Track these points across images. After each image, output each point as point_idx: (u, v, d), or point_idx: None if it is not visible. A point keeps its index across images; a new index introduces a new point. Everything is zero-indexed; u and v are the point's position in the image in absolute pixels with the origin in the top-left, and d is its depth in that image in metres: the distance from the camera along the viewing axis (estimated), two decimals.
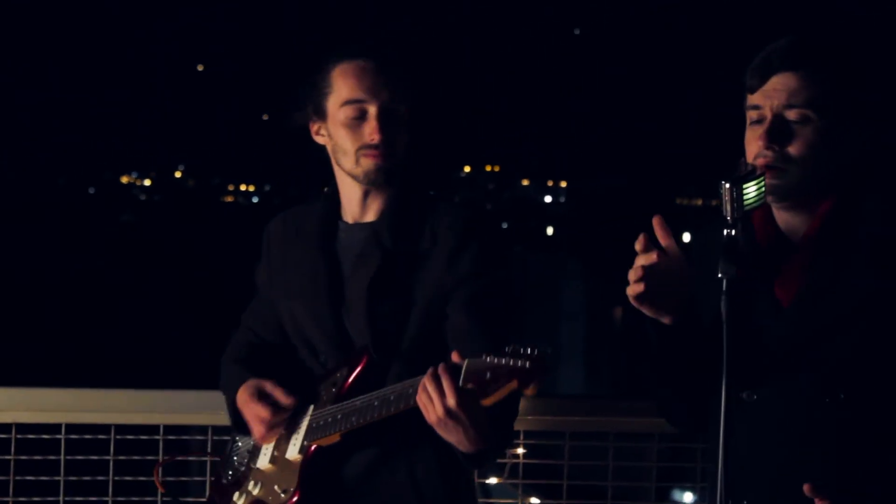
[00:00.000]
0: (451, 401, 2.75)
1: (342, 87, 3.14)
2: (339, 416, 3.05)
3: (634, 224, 2.79)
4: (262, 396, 3.20)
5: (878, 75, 2.76)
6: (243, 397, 3.24)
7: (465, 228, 3.11)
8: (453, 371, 2.77)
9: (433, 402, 2.77)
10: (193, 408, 3.94)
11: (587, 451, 4.15)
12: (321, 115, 3.19)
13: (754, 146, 2.66)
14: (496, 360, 2.70)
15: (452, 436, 2.83)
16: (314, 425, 3.13)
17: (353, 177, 3.16)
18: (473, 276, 3.08)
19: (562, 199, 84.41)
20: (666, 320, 2.66)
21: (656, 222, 2.62)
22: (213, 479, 3.52)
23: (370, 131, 3.11)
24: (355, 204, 3.22)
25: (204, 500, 3.52)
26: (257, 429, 3.20)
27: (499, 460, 3.91)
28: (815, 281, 2.65)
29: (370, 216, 3.21)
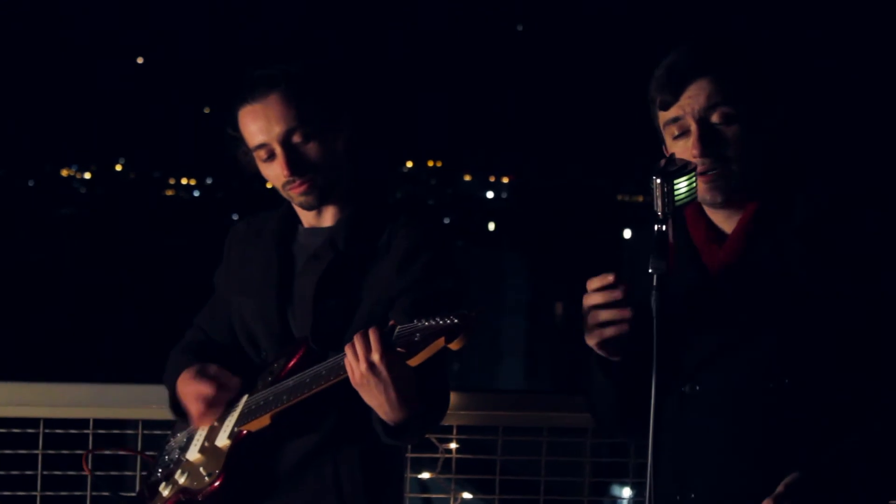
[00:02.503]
0: (375, 355, 2.74)
1: (247, 136, 3.15)
2: (270, 398, 3.04)
3: (576, 220, 2.79)
4: (206, 376, 3.18)
5: (781, 66, 2.78)
6: (185, 377, 3.21)
7: (420, 237, 3.11)
8: (383, 332, 2.77)
9: (358, 357, 2.77)
10: (125, 402, 3.90)
11: (521, 446, 4.15)
12: (251, 158, 3.21)
13: (688, 157, 2.65)
14: (426, 323, 2.70)
15: (374, 396, 2.81)
16: (246, 410, 3.11)
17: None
18: (420, 283, 3.07)
19: (504, 195, 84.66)
20: (616, 359, 2.64)
21: (609, 277, 2.58)
22: (144, 474, 3.49)
23: (280, 169, 3.11)
24: (309, 215, 3.24)
25: (134, 494, 3.49)
26: (196, 407, 3.17)
27: (430, 455, 3.91)
28: (749, 272, 2.66)
29: (327, 222, 3.22)
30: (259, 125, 3.11)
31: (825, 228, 2.64)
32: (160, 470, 3.30)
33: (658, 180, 2.53)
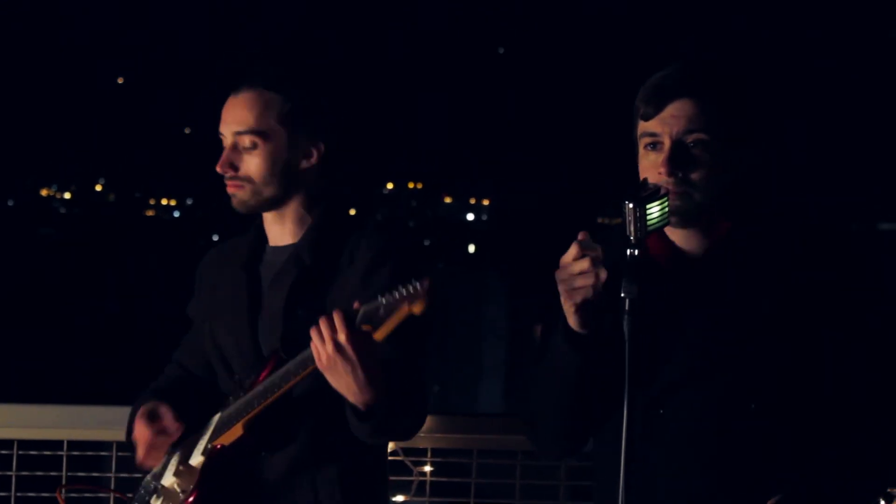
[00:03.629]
0: (341, 335, 2.76)
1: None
2: (241, 406, 3.06)
3: (557, 242, 2.79)
4: (153, 418, 3.19)
5: (763, 99, 2.82)
6: (137, 417, 3.25)
7: (383, 247, 3.13)
8: (348, 312, 2.79)
9: (324, 339, 2.78)
10: (99, 424, 3.90)
11: (495, 470, 4.15)
12: None
13: (653, 173, 2.69)
14: (389, 297, 2.73)
15: (342, 378, 2.82)
16: (219, 425, 3.12)
17: None
18: (386, 290, 3.07)
19: (484, 217, 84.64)
20: (584, 331, 2.65)
21: (582, 238, 2.60)
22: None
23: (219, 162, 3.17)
24: (269, 225, 3.26)
25: None
26: (139, 448, 3.20)
27: (405, 478, 3.92)
28: (716, 297, 2.68)
29: (288, 240, 3.23)
30: (224, 115, 3.17)
31: (792, 257, 2.67)
32: (137, 496, 3.29)
33: (630, 205, 2.56)
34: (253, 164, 3.14)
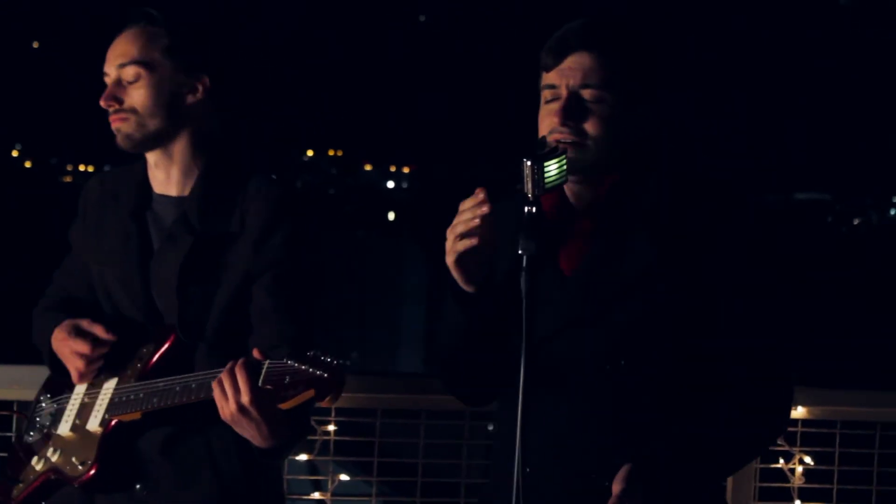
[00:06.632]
0: (245, 398, 2.75)
1: None
2: (140, 395, 3.04)
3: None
4: (80, 333, 3.15)
5: (663, 58, 2.84)
6: (60, 336, 3.19)
7: (273, 211, 3.10)
8: (252, 369, 2.77)
9: (228, 398, 2.77)
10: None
11: (399, 429, 4.17)
12: None
13: (548, 122, 2.71)
14: (296, 366, 2.71)
15: (246, 431, 2.83)
16: (116, 400, 3.10)
17: None
18: (280, 261, 3.08)
19: (404, 185, 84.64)
20: (470, 288, 2.67)
21: (480, 193, 2.61)
22: (13, 436, 3.49)
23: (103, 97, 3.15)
24: (154, 170, 3.21)
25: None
26: (76, 364, 3.15)
27: (310, 437, 3.92)
28: (596, 251, 2.71)
29: (174, 189, 3.19)
30: (108, 55, 3.15)
31: (670, 213, 2.71)
32: (30, 435, 3.28)
33: (528, 162, 2.58)
34: (137, 95, 3.11)
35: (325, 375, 2.68)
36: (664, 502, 2.60)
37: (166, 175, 3.19)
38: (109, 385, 3.15)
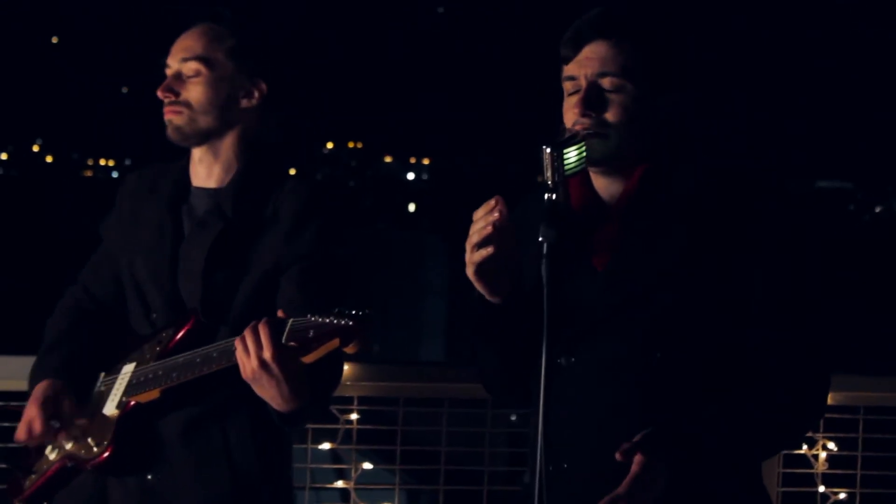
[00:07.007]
0: (267, 353, 2.74)
1: None
2: (160, 373, 3.04)
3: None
4: (49, 404, 3.13)
5: (682, 43, 2.81)
6: (37, 394, 3.17)
7: (305, 205, 3.11)
8: (275, 326, 2.76)
9: (250, 354, 2.76)
10: (24, 375, 3.87)
11: (422, 417, 4.18)
12: None
13: (570, 115, 2.69)
14: (320, 319, 2.70)
15: (266, 391, 2.81)
16: (134, 381, 3.11)
17: None
18: (309, 254, 3.08)
19: (424, 177, 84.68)
20: (495, 300, 2.66)
21: (493, 201, 2.59)
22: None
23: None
24: (196, 165, 3.24)
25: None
26: (21, 430, 3.15)
27: (331, 426, 3.93)
28: (628, 244, 2.68)
29: (213, 183, 3.22)
30: (173, 49, 3.18)
31: (702, 203, 2.68)
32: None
33: (548, 150, 2.56)
34: (194, 91, 3.14)
35: (350, 323, 2.66)
36: (691, 480, 2.57)
37: (208, 171, 3.22)
38: (127, 369, 3.15)
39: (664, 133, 2.73)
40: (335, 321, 2.68)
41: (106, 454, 3.06)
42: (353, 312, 2.68)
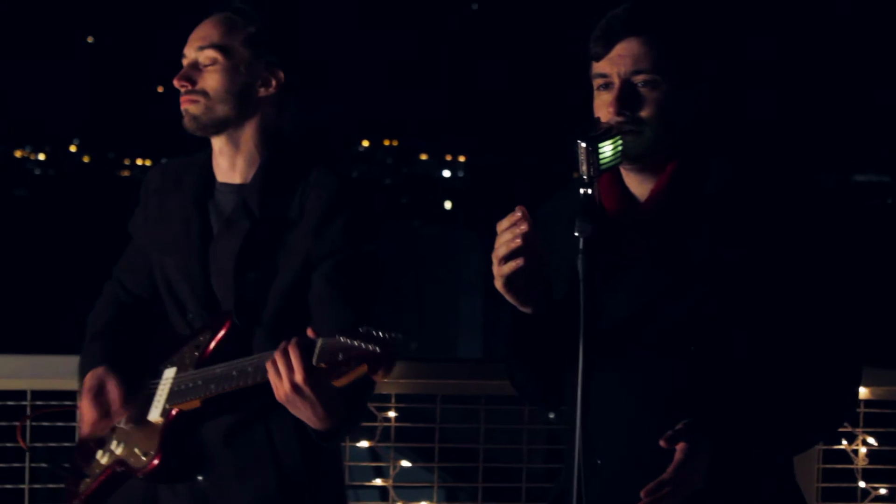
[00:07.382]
0: (298, 377, 2.74)
1: None
2: (199, 383, 3.06)
3: (531, 199, 2.77)
4: (99, 394, 3.19)
5: (713, 38, 2.81)
6: (87, 385, 3.22)
7: (333, 200, 3.10)
8: (305, 348, 2.75)
9: (282, 377, 2.77)
10: (63, 373, 3.90)
11: (459, 414, 4.17)
12: None
13: (604, 112, 2.68)
14: (349, 342, 2.69)
15: (302, 412, 2.82)
16: (176, 389, 3.12)
17: None
18: (339, 249, 3.08)
19: (460, 174, 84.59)
20: (527, 309, 2.65)
21: (518, 211, 2.58)
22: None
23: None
24: (217, 158, 3.23)
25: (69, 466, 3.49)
26: (84, 426, 3.23)
27: (369, 423, 3.93)
28: (661, 240, 2.68)
29: (237, 178, 3.21)
30: (190, 37, 3.18)
31: (735, 197, 2.67)
32: None
33: (583, 144, 2.55)
34: (211, 79, 3.13)
35: (378, 350, 2.66)
36: (730, 470, 2.56)
37: (231, 164, 3.21)
38: (169, 374, 3.17)
39: (695, 127, 2.73)
40: (364, 346, 2.67)
41: (155, 462, 3.10)
42: (382, 336, 2.68)
